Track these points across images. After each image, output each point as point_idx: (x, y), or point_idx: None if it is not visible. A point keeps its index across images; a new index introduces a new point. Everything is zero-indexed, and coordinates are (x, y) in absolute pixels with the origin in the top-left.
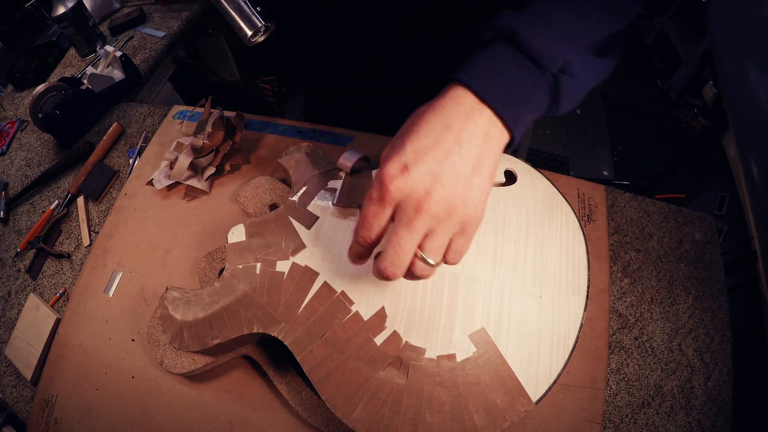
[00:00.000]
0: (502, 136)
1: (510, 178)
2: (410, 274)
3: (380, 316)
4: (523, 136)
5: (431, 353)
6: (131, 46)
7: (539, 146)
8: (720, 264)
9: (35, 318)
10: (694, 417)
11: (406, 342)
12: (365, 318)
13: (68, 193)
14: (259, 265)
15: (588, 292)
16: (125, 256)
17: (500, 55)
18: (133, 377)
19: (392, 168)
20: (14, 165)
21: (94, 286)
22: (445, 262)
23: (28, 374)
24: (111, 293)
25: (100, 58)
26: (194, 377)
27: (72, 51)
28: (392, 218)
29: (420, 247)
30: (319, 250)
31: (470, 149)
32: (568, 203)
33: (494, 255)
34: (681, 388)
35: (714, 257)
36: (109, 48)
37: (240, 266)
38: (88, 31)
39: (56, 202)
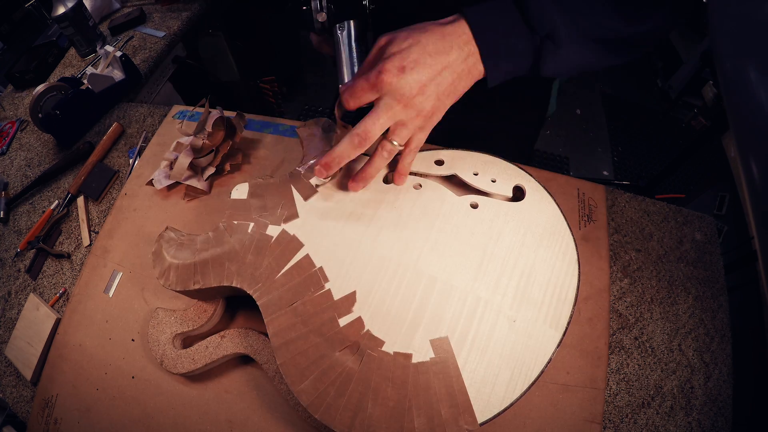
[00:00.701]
0: (478, 76)
1: (518, 194)
2: (379, 154)
3: (350, 299)
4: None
5: (389, 347)
6: (131, 46)
7: (539, 146)
8: (720, 264)
9: (35, 318)
10: (694, 417)
11: (368, 330)
12: (335, 297)
13: (68, 193)
14: (252, 224)
15: (566, 330)
16: (125, 256)
17: (502, 10)
18: (133, 377)
19: (393, 65)
20: (14, 165)
21: (94, 286)
22: (404, 149)
23: (28, 374)
24: (111, 293)
25: (100, 58)
26: (194, 377)
27: (72, 51)
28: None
29: (390, 133)
30: (311, 223)
31: (452, 75)
32: (572, 235)
33: (478, 267)
34: (681, 388)
35: (714, 257)
36: (109, 48)
37: (235, 222)
38: (88, 31)
39: (56, 202)
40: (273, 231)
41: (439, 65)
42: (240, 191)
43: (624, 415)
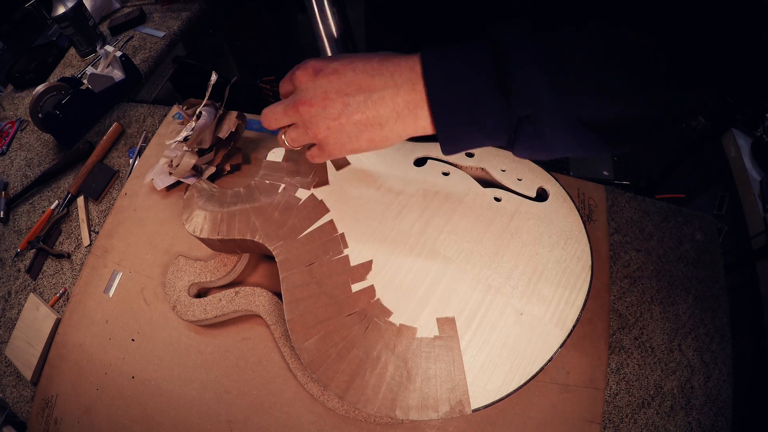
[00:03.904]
0: (418, 131)
1: (540, 195)
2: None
3: (365, 267)
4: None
5: (396, 319)
6: (131, 46)
7: None
8: (720, 264)
9: (35, 318)
10: (694, 417)
11: (378, 299)
12: (352, 264)
13: (68, 193)
14: (282, 186)
15: (571, 332)
16: (125, 256)
17: (472, 66)
18: (133, 377)
19: (310, 65)
20: (14, 165)
21: (94, 286)
22: (312, 148)
23: (28, 374)
24: (111, 293)
25: (100, 58)
26: (194, 377)
27: (72, 51)
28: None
29: (287, 127)
30: (339, 191)
31: (371, 109)
32: (589, 243)
33: (492, 257)
34: (681, 388)
35: (714, 257)
36: (109, 48)
37: (267, 181)
38: (88, 31)
39: (56, 202)
40: (302, 194)
41: (357, 88)
42: (276, 154)
43: (624, 415)
